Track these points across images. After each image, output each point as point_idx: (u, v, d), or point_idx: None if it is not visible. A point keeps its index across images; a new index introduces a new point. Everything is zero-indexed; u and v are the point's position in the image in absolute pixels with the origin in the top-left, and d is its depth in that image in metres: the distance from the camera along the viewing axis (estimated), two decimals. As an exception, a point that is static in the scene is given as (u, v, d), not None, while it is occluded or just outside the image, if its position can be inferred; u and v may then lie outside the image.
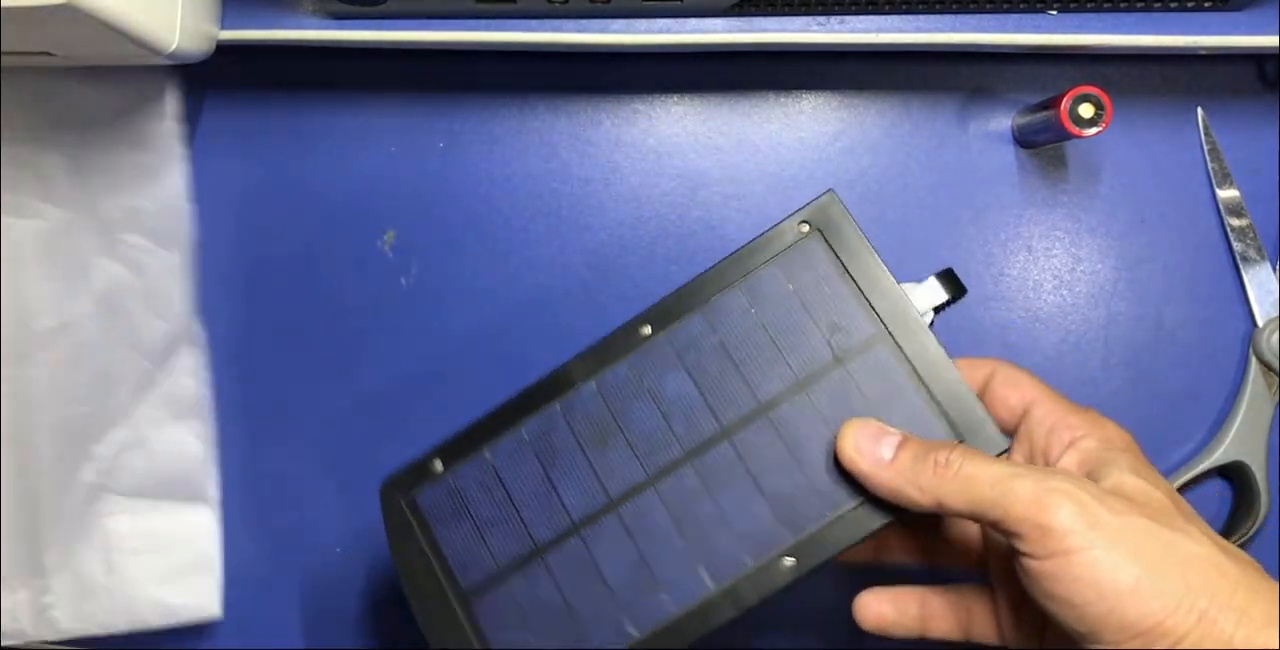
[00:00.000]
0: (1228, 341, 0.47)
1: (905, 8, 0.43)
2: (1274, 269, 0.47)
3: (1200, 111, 0.47)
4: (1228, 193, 0.47)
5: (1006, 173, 0.48)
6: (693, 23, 0.43)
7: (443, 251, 0.48)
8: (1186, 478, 0.46)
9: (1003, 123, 0.48)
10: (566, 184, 0.48)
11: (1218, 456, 0.46)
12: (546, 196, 0.48)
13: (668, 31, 0.43)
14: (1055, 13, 0.43)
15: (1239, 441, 0.46)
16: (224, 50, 0.43)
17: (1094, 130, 0.42)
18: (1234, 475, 0.46)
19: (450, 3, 0.42)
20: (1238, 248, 0.47)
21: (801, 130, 0.48)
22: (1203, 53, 0.43)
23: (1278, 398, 0.46)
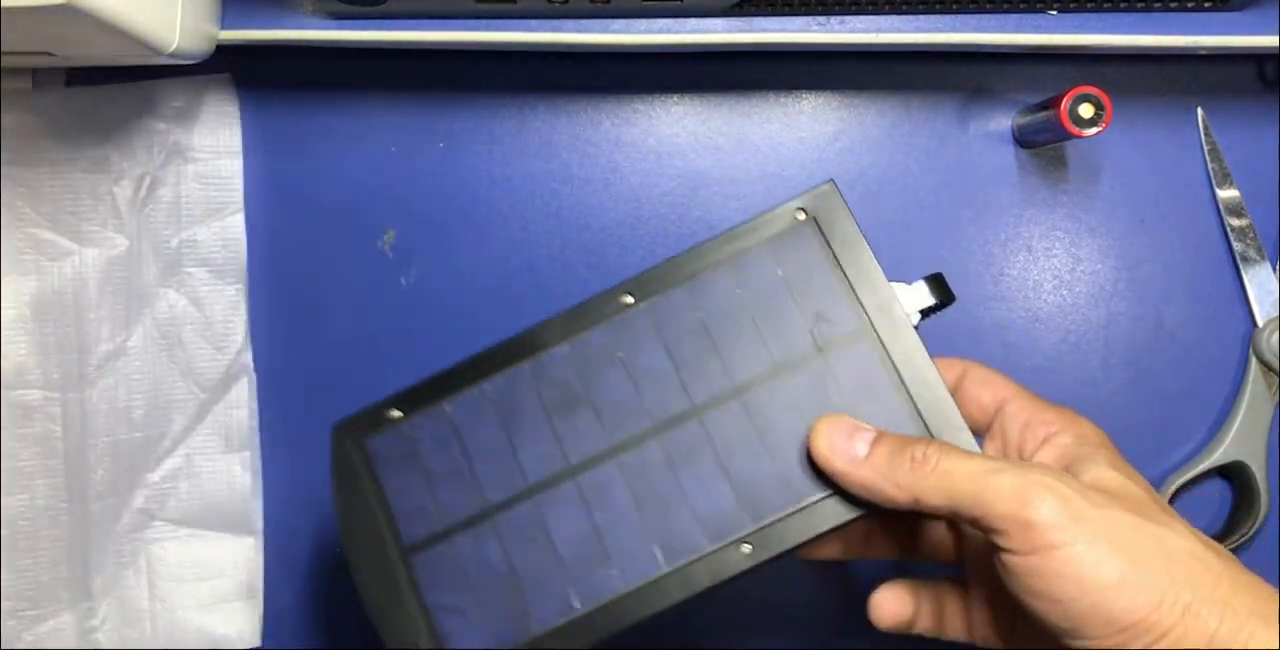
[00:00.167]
0: (1228, 341, 0.47)
1: (905, 8, 0.43)
2: (1274, 269, 0.47)
3: (1200, 111, 0.47)
4: (1228, 193, 0.47)
5: (1006, 173, 0.48)
6: (693, 23, 0.43)
7: (443, 251, 0.48)
8: (1186, 478, 0.46)
9: (1003, 123, 0.48)
10: (566, 184, 0.48)
11: (1218, 456, 0.46)
12: (546, 196, 0.48)
13: (668, 31, 0.43)
14: (1055, 13, 0.43)
15: (1239, 441, 0.46)
16: (224, 50, 0.43)
17: (1094, 130, 0.42)
18: (1234, 475, 0.46)
19: (450, 3, 0.42)
20: (1238, 248, 0.47)
21: (801, 130, 0.48)
22: (1202, 53, 0.43)
23: (1278, 398, 0.46)
